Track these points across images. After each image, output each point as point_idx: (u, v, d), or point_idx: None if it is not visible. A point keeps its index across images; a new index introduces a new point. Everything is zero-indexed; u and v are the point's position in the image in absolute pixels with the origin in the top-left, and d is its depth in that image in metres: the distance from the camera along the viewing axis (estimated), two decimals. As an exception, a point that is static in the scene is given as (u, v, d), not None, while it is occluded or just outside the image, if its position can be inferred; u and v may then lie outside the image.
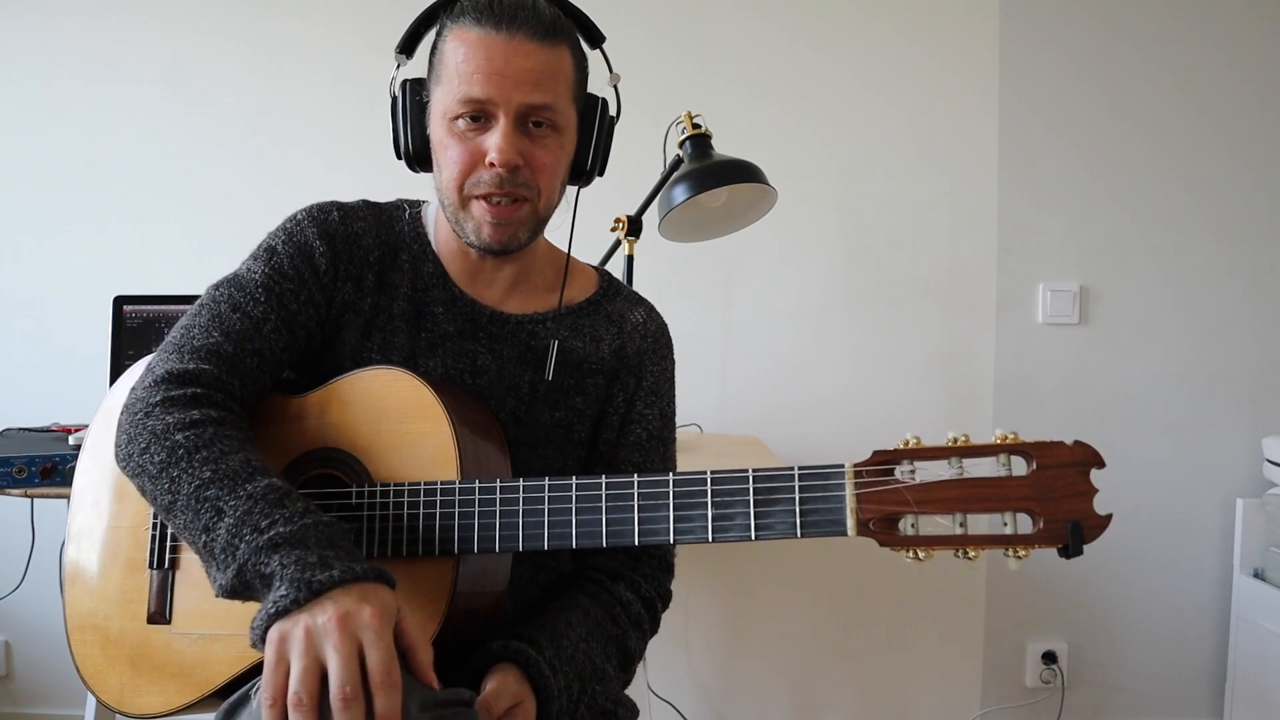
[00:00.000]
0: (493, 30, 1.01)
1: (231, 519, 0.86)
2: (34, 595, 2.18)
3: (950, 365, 2.37)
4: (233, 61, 2.34)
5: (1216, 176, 2.37)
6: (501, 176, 1.02)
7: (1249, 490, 2.36)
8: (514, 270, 1.14)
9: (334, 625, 0.77)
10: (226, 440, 0.93)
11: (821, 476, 0.89)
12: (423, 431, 1.00)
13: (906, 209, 2.36)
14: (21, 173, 2.35)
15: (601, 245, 1.94)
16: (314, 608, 0.79)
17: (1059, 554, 0.85)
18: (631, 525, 0.94)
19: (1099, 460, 0.85)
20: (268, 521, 0.85)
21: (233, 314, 1.04)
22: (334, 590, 0.80)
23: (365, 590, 0.81)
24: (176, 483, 0.90)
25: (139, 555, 1.07)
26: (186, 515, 0.89)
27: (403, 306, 1.12)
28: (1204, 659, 2.41)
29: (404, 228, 1.15)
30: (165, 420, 0.94)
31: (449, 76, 1.03)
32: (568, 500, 0.96)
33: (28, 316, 2.34)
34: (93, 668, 1.08)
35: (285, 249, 1.08)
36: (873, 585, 2.38)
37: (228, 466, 0.90)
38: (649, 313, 1.22)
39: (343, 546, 0.85)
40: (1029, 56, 2.35)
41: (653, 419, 1.18)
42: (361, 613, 0.78)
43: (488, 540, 0.96)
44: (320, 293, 1.09)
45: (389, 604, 0.82)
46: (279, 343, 1.05)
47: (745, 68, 2.34)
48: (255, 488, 0.88)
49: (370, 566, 0.83)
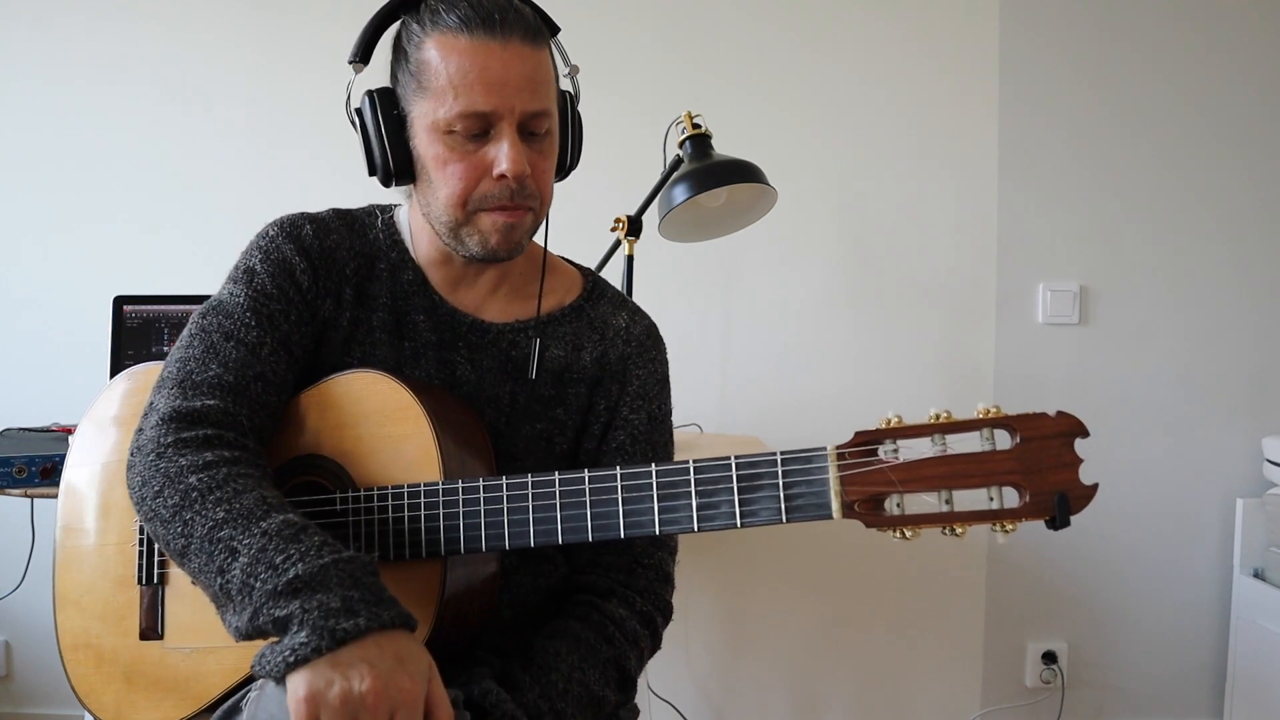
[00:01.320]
0: (485, 37, 0.97)
1: (246, 558, 0.82)
2: (34, 595, 2.18)
3: (950, 365, 2.37)
4: (233, 62, 2.34)
5: (1216, 176, 2.37)
6: (513, 190, 1.00)
7: (1249, 490, 2.36)
8: (495, 274, 1.12)
9: (373, 700, 0.74)
10: (241, 479, 0.90)
11: (804, 460, 0.88)
12: (404, 433, 0.99)
13: (906, 209, 2.36)
14: (22, 173, 2.35)
15: (601, 245, 1.94)
16: (342, 663, 0.75)
17: (1046, 525, 0.84)
18: (617, 519, 0.93)
19: (1082, 429, 0.84)
20: (283, 558, 0.81)
21: (226, 343, 1.00)
22: (362, 640, 0.76)
23: (397, 646, 0.78)
24: (190, 525, 0.87)
25: (127, 571, 1.07)
26: (201, 559, 0.86)
27: (382, 317, 1.09)
28: (1204, 659, 2.41)
29: (378, 235, 1.12)
30: (179, 463, 0.91)
31: (440, 88, 0.98)
32: (551, 496, 0.94)
33: (28, 316, 2.34)
34: (88, 686, 1.08)
35: (264, 268, 1.05)
36: (873, 585, 2.37)
37: (241, 505, 0.86)
38: (633, 315, 1.18)
39: (368, 586, 0.81)
40: (1029, 56, 2.35)
41: (638, 423, 1.14)
42: (399, 685, 0.75)
43: (474, 540, 0.95)
44: (306, 309, 1.06)
45: (422, 669, 0.78)
46: (279, 365, 1.02)
47: (745, 68, 2.34)
48: (270, 524, 0.84)
49: (398, 612, 0.80)
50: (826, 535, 2.34)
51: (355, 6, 1.14)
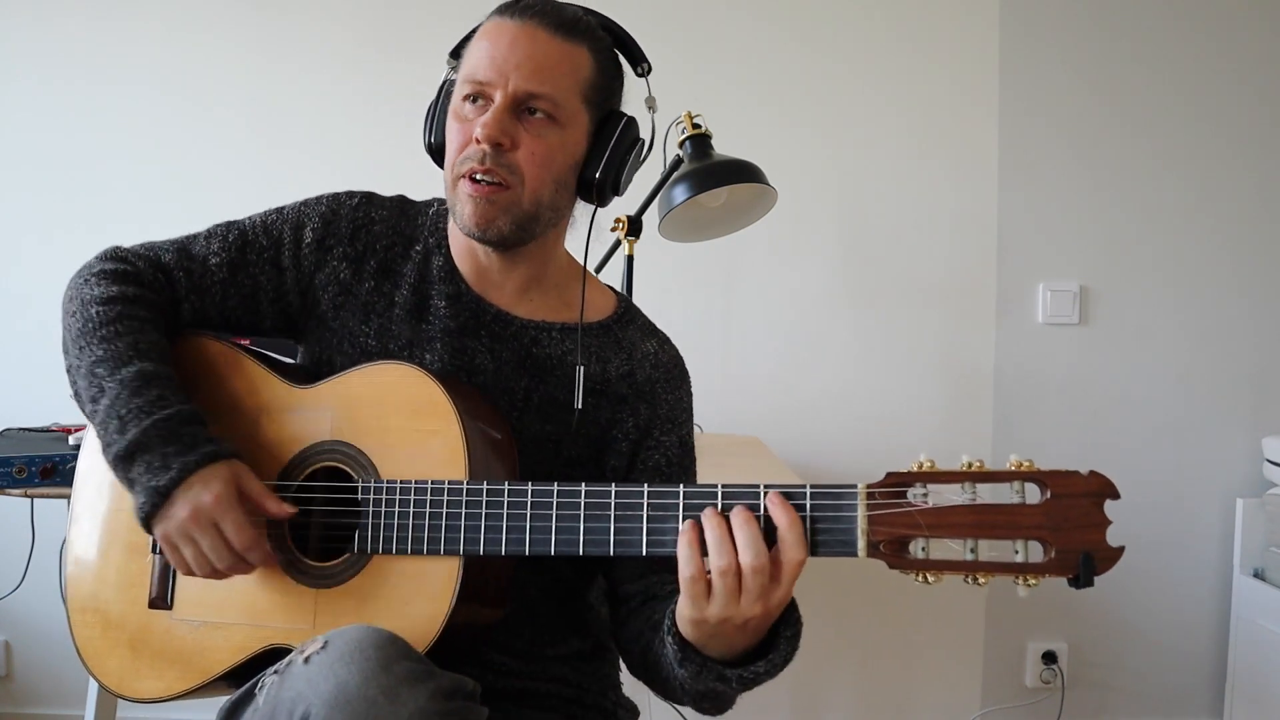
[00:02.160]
0: (508, 19, 1.03)
1: (106, 401, 0.99)
2: (34, 595, 2.18)
3: (950, 365, 2.37)
4: (232, 63, 2.34)
5: (1216, 176, 2.37)
6: (485, 153, 1.01)
7: (1249, 490, 2.36)
8: (524, 274, 1.12)
9: (191, 523, 0.95)
10: (128, 320, 1.04)
11: (834, 496, 0.88)
12: (432, 429, 0.99)
13: (906, 209, 2.36)
14: (22, 173, 2.35)
15: (601, 245, 1.94)
16: (170, 509, 0.96)
17: (1069, 584, 0.84)
18: (640, 535, 0.92)
19: (1113, 491, 0.84)
20: (126, 410, 0.98)
21: (201, 242, 1.15)
22: (179, 488, 0.95)
23: (206, 477, 0.96)
24: (82, 353, 1.03)
25: (140, 539, 1.06)
26: (83, 383, 1.02)
27: (405, 296, 1.12)
28: (1204, 659, 2.41)
29: (425, 222, 1.16)
30: (93, 291, 1.07)
31: (465, 66, 1.05)
32: (576, 507, 0.94)
33: (28, 316, 2.34)
34: (93, 650, 1.08)
35: (289, 213, 1.15)
36: (873, 586, 2.38)
37: (116, 349, 1.02)
38: (662, 344, 1.18)
39: (183, 438, 0.97)
40: (1029, 56, 2.35)
41: (671, 445, 1.14)
42: (206, 501, 0.95)
43: (494, 543, 0.96)
44: (289, 259, 1.13)
45: (225, 481, 0.97)
46: (216, 278, 1.13)
47: (745, 68, 2.34)
48: (127, 374, 0.99)
49: (205, 452, 0.97)
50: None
51: (355, 6, 1.14)
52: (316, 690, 0.80)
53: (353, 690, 0.79)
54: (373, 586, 0.98)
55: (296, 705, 0.80)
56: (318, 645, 0.84)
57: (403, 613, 0.94)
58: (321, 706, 0.79)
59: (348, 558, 1.00)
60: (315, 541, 1.05)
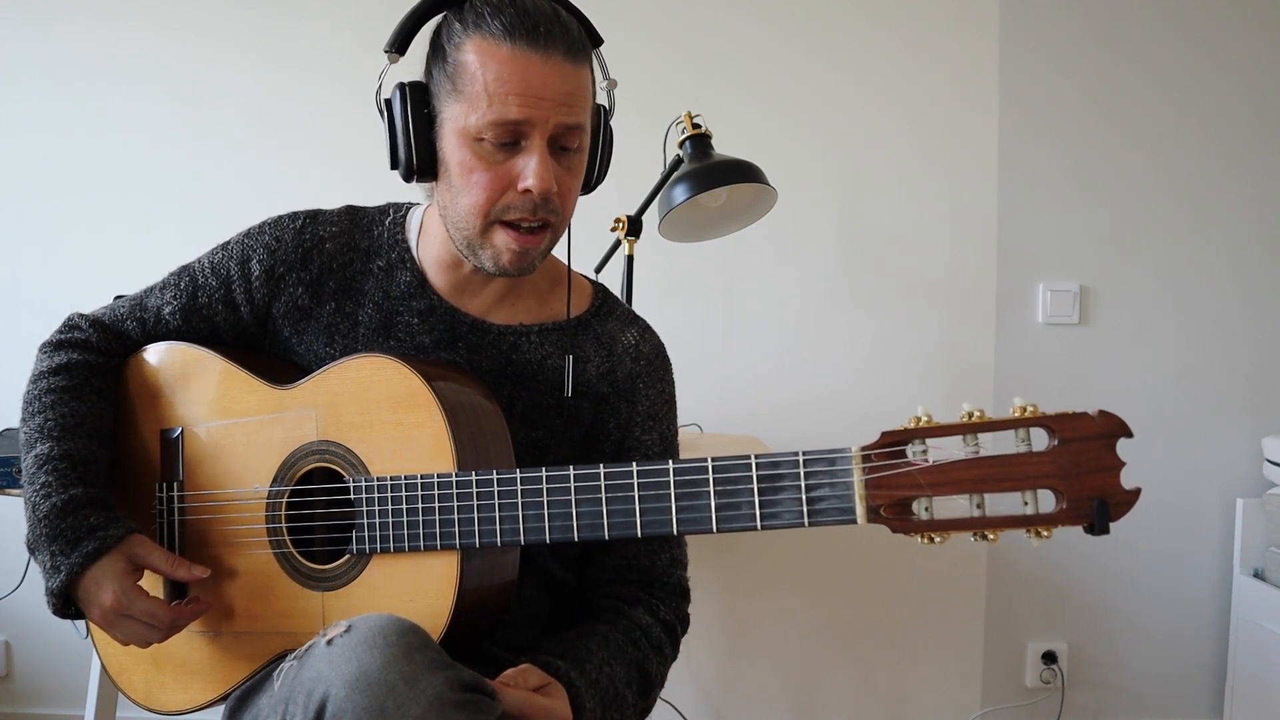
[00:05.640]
0: (526, 48, 0.95)
1: (29, 489, 1.02)
2: (34, 595, 2.15)
3: (950, 365, 2.37)
4: (233, 63, 2.34)
5: (1216, 176, 2.37)
6: (536, 204, 0.98)
7: (1249, 490, 2.36)
8: (507, 280, 1.10)
9: (104, 621, 1.00)
10: (52, 394, 1.08)
11: (827, 461, 0.83)
12: (416, 421, 0.98)
13: (906, 209, 2.36)
14: (23, 174, 2.35)
15: (601, 245, 1.94)
16: (81, 604, 1.00)
17: (1085, 531, 0.80)
18: (633, 516, 0.90)
19: (1126, 430, 0.79)
20: (26, 499, 1.02)
21: (157, 293, 1.16)
22: (76, 590, 0.99)
23: (96, 577, 0.99)
24: (26, 428, 1.07)
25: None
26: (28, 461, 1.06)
27: (370, 313, 1.10)
28: (1204, 659, 2.41)
29: (383, 233, 1.12)
30: (36, 367, 1.12)
31: (475, 94, 0.96)
32: (567, 492, 0.93)
33: (29, 316, 2.34)
34: (117, 665, 1.11)
35: (234, 248, 1.13)
36: (873, 585, 2.38)
37: (28, 429, 1.06)
38: (643, 333, 1.17)
39: (64, 534, 0.99)
40: (1029, 56, 2.35)
41: (651, 444, 1.14)
42: (105, 603, 0.98)
43: (489, 534, 0.95)
44: (241, 294, 1.11)
45: (116, 576, 0.99)
46: (170, 326, 1.14)
47: (745, 68, 2.34)
48: (29, 459, 1.04)
49: (87, 551, 0.98)
50: (827, 535, 2.34)
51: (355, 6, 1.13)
52: (338, 671, 0.80)
53: (374, 673, 0.79)
54: (376, 586, 0.99)
55: (317, 685, 0.80)
56: (341, 629, 0.84)
57: (407, 610, 0.94)
58: (342, 687, 0.79)
59: (348, 559, 1.00)
60: (320, 544, 1.05)
